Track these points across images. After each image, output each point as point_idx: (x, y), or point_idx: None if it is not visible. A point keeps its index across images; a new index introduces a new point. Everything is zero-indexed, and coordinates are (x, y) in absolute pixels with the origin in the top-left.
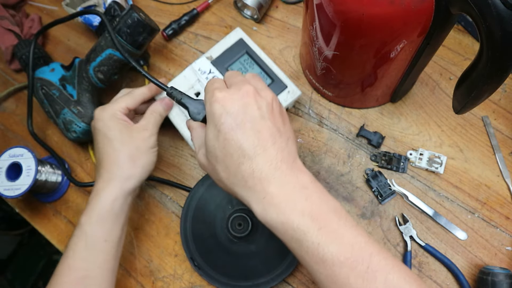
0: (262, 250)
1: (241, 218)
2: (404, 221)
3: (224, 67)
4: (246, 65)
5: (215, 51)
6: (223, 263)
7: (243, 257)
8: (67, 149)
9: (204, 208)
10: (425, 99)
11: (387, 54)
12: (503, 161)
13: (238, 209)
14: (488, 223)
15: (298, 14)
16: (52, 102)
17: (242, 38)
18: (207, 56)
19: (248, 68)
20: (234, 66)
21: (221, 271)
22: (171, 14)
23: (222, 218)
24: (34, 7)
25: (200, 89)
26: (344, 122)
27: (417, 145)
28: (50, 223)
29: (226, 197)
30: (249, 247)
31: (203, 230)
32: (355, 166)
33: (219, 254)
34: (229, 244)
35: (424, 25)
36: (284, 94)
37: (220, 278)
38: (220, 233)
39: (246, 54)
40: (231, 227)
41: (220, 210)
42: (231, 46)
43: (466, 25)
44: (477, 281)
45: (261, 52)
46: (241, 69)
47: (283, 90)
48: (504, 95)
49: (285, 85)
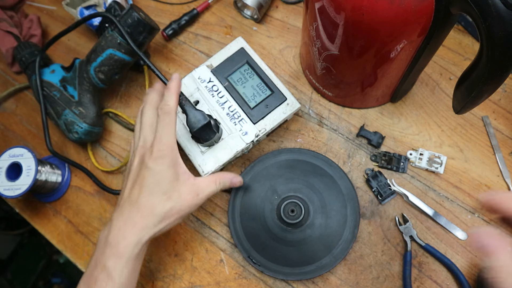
0: (319, 232)
1: (293, 204)
2: (404, 221)
3: (224, 77)
4: (246, 75)
5: (216, 60)
6: (282, 253)
7: (301, 243)
8: (67, 149)
9: (249, 205)
10: (425, 99)
11: (387, 54)
12: (503, 161)
13: (286, 197)
14: (488, 223)
15: (298, 14)
16: (53, 103)
17: (244, 47)
18: (208, 65)
19: (248, 79)
20: (234, 76)
21: (282, 263)
22: (171, 14)
23: (271, 210)
24: (33, 7)
25: (199, 97)
26: (344, 122)
27: (417, 145)
28: (50, 223)
29: (270, 188)
30: (305, 232)
31: (254, 226)
32: (355, 166)
33: (275, 246)
34: (283, 233)
35: (424, 25)
36: (283, 106)
37: (282, 270)
38: (272, 225)
39: (246, 64)
40: (284, 215)
41: (267, 202)
42: (232, 55)
43: (466, 25)
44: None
45: (262, 63)
46: (241, 79)
47: (282, 102)
48: (504, 95)
49: (284, 97)
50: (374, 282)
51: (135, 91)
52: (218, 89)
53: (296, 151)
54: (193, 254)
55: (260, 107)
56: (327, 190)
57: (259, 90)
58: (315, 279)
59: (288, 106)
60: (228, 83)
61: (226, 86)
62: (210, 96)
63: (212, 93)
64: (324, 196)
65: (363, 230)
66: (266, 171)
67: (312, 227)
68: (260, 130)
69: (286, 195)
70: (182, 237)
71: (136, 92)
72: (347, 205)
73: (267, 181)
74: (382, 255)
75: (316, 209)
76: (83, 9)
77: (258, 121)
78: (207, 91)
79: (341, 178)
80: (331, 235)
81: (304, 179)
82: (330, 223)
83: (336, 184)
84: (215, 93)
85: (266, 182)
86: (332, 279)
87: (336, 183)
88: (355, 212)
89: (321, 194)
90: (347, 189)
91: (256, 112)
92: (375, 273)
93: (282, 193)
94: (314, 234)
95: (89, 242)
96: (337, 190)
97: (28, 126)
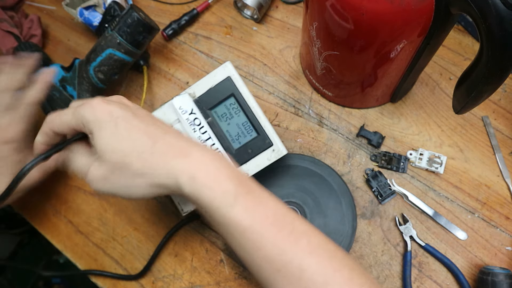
0: None
1: None
2: (404, 221)
3: (208, 109)
4: (232, 111)
5: (199, 88)
6: None
7: None
8: None
9: None
10: (425, 99)
11: (387, 54)
12: (503, 161)
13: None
14: (488, 223)
15: (298, 14)
16: (53, 103)
17: (230, 76)
18: (190, 93)
19: (234, 115)
20: (218, 110)
21: None
22: (171, 14)
23: None
24: (33, 7)
25: (180, 128)
26: (344, 122)
27: (417, 145)
28: (50, 223)
29: None
30: None
31: None
32: (355, 166)
33: None
34: None
35: (424, 25)
36: (268, 152)
37: None
38: None
39: (233, 97)
40: None
41: None
42: (217, 84)
43: (466, 25)
44: (477, 281)
45: (250, 97)
46: (225, 114)
47: (268, 148)
48: (504, 95)
49: (271, 142)
50: None
51: (135, 91)
52: (201, 124)
53: (282, 157)
54: (193, 254)
55: (243, 149)
56: (319, 190)
57: (244, 130)
58: None
59: (274, 152)
60: (212, 118)
61: (209, 121)
62: (192, 131)
63: (194, 127)
64: (317, 196)
65: (363, 230)
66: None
67: None
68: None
69: (285, 200)
70: (182, 237)
71: (136, 92)
72: (341, 200)
73: None
74: (382, 255)
75: (312, 211)
76: (82, 9)
77: (239, 166)
78: (188, 124)
79: (330, 175)
80: (331, 233)
81: (294, 183)
82: (328, 222)
83: (326, 182)
84: (196, 128)
85: None
86: None
87: (326, 181)
88: (350, 206)
89: (314, 195)
90: (338, 185)
91: (239, 155)
92: (375, 273)
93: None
94: None
95: (89, 242)
96: (329, 188)
97: None
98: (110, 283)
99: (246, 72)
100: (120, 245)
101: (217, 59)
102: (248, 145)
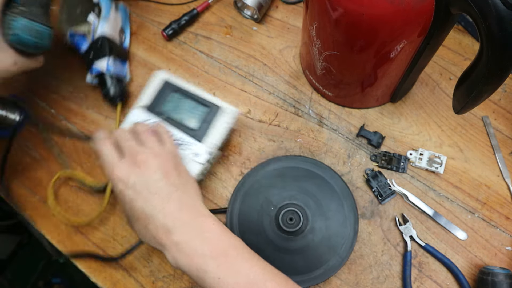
0: (320, 235)
1: (290, 212)
2: (404, 221)
3: (159, 111)
4: (179, 102)
5: (146, 99)
6: (288, 263)
7: (305, 249)
8: (66, 149)
9: (247, 220)
10: (425, 99)
11: (387, 54)
12: (503, 161)
13: (282, 206)
14: (488, 223)
15: (298, 14)
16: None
17: (165, 78)
18: (138, 106)
19: (181, 104)
20: (167, 106)
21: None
22: (171, 14)
23: (270, 221)
24: None
25: None
26: (344, 122)
27: (417, 145)
28: (50, 223)
29: (264, 200)
30: (307, 237)
31: (255, 241)
32: (355, 166)
33: (280, 257)
34: (286, 242)
35: (424, 25)
36: (222, 117)
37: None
38: (273, 236)
39: (174, 92)
40: (283, 225)
41: (265, 215)
42: (159, 88)
43: (466, 25)
44: (477, 281)
45: (188, 86)
46: (175, 106)
47: (219, 113)
48: (504, 95)
49: (221, 108)
50: (374, 282)
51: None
52: None
53: (284, 159)
54: None
55: (202, 126)
56: (321, 192)
57: (195, 110)
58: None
59: (227, 114)
60: (165, 115)
61: (163, 118)
62: None
63: None
64: (319, 198)
65: (363, 230)
66: (258, 184)
67: (313, 232)
68: (211, 147)
69: (282, 204)
70: None
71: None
72: (343, 203)
73: (260, 194)
74: (382, 255)
75: (314, 213)
76: (72, 32)
77: (205, 140)
78: None
79: (332, 178)
80: (333, 235)
81: (296, 185)
82: (330, 224)
83: (328, 184)
84: None
85: (260, 195)
86: (332, 279)
87: (328, 183)
88: (352, 208)
89: (316, 197)
90: (341, 188)
91: (200, 131)
92: (375, 273)
93: (278, 203)
94: (316, 238)
95: (89, 242)
96: (331, 190)
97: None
98: (110, 283)
99: (246, 72)
100: (120, 245)
101: (217, 59)
102: (204, 120)
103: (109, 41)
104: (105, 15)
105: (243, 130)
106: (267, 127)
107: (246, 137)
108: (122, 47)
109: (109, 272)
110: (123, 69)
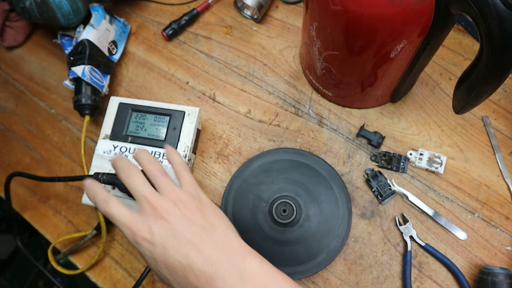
0: (316, 220)
1: (282, 204)
2: (404, 221)
3: (123, 135)
4: (140, 120)
5: (107, 128)
6: (290, 254)
7: (304, 238)
8: (66, 149)
9: (242, 222)
10: (425, 99)
11: (387, 54)
12: (503, 161)
13: (274, 200)
14: (488, 223)
15: (298, 14)
16: None
17: (120, 101)
18: (103, 137)
19: (144, 121)
20: (130, 128)
21: (291, 263)
22: (171, 14)
23: (264, 217)
24: None
25: None
26: (344, 122)
27: (417, 145)
28: (50, 223)
29: (255, 198)
30: (304, 225)
31: (254, 240)
32: (355, 166)
33: (281, 250)
34: (284, 235)
35: (424, 25)
36: (186, 119)
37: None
38: (270, 232)
39: (132, 112)
40: (278, 218)
41: (258, 212)
42: (116, 113)
43: (466, 25)
44: (477, 281)
45: (145, 102)
46: (138, 126)
47: (183, 117)
48: (504, 95)
49: (182, 111)
50: (374, 282)
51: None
52: (127, 148)
53: (265, 154)
54: None
55: (169, 133)
56: (309, 179)
57: (159, 122)
58: (315, 279)
59: (190, 115)
60: (130, 137)
61: (130, 141)
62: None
63: (126, 154)
64: (308, 185)
65: (363, 230)
66: (246, 183)
67: (308, 219)
68: (184, 150)
69: (273, 198)
70: None
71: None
72: (331, 185)
73: (250, 192)
74: (382, 255)
75: (306, 201)
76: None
77: (178, 145)
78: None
79: (316, 163)
80: (328, 218)
81: (283, 177)
82: (323, 208)
83: (313, 169)
84: (127, 153)
85: (250, 194)
86: (332, 279)
87: (313, 169)
88: (342, 188)
89: (304, 185)
90: (326, 170)
91: (171, 139)
92: (375, 273)
93: (269, 198)
94: (313, 224)
95: (88, 242)
96: (317, 175)
97: (28, 126)
98: (110, 283)
99: (246, 72)
100: (120, 245)
101: (217, 59)
102: (169, 127)
103: (92, 48)
104: (93, 23)
105: (243, 130)
106: (267, 127)
107: (246, 137)
108: (108, 59)
109: (109, 272)
110: (102, 80)
